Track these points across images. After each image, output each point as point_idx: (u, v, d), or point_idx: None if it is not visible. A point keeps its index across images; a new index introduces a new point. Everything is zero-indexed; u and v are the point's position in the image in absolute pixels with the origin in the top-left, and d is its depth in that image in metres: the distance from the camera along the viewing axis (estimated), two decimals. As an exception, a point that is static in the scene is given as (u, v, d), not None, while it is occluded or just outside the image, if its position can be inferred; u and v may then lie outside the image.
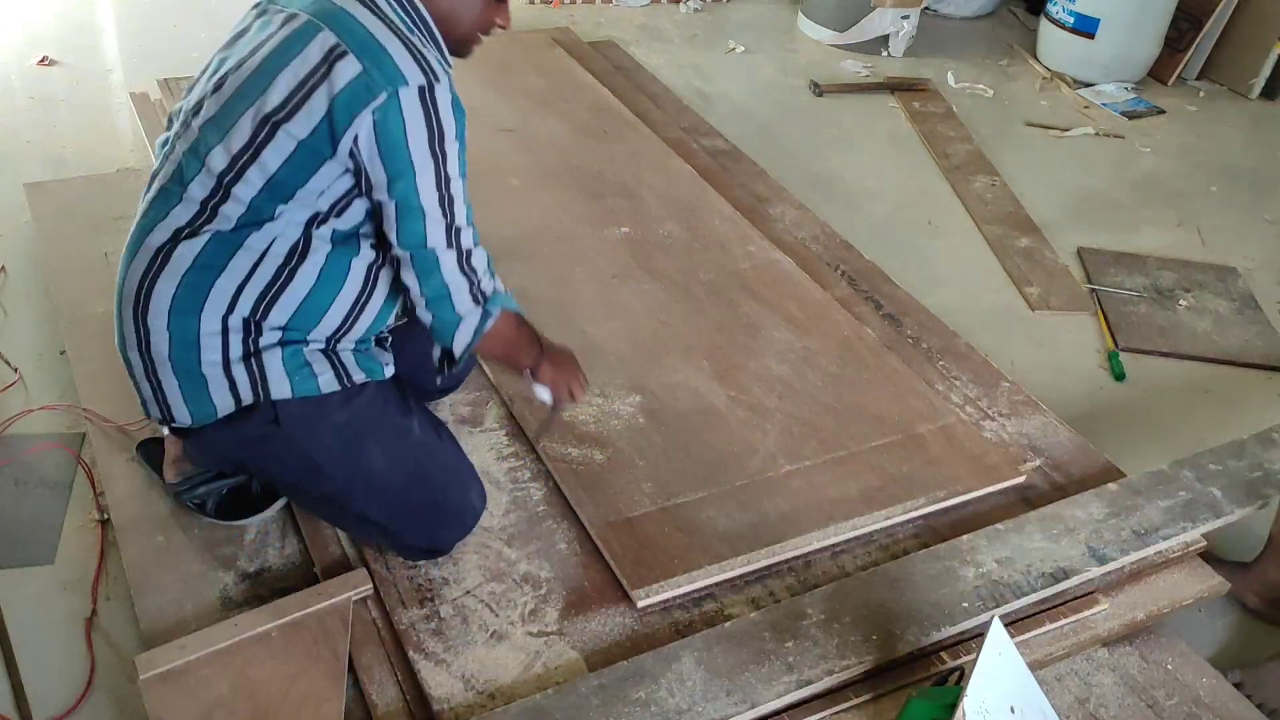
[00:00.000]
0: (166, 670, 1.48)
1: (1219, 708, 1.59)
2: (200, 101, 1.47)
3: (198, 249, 1.45)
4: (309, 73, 1.37)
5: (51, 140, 2.94)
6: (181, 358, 1.48)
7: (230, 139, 1.41)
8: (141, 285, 1.47)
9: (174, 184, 1.47)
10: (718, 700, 1.46)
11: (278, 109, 1.38)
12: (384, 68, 1.36)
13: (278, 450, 1.57)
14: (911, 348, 2.30)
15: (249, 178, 1.41)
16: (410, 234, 1.44)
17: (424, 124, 1.39)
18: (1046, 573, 1.70)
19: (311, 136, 1.38)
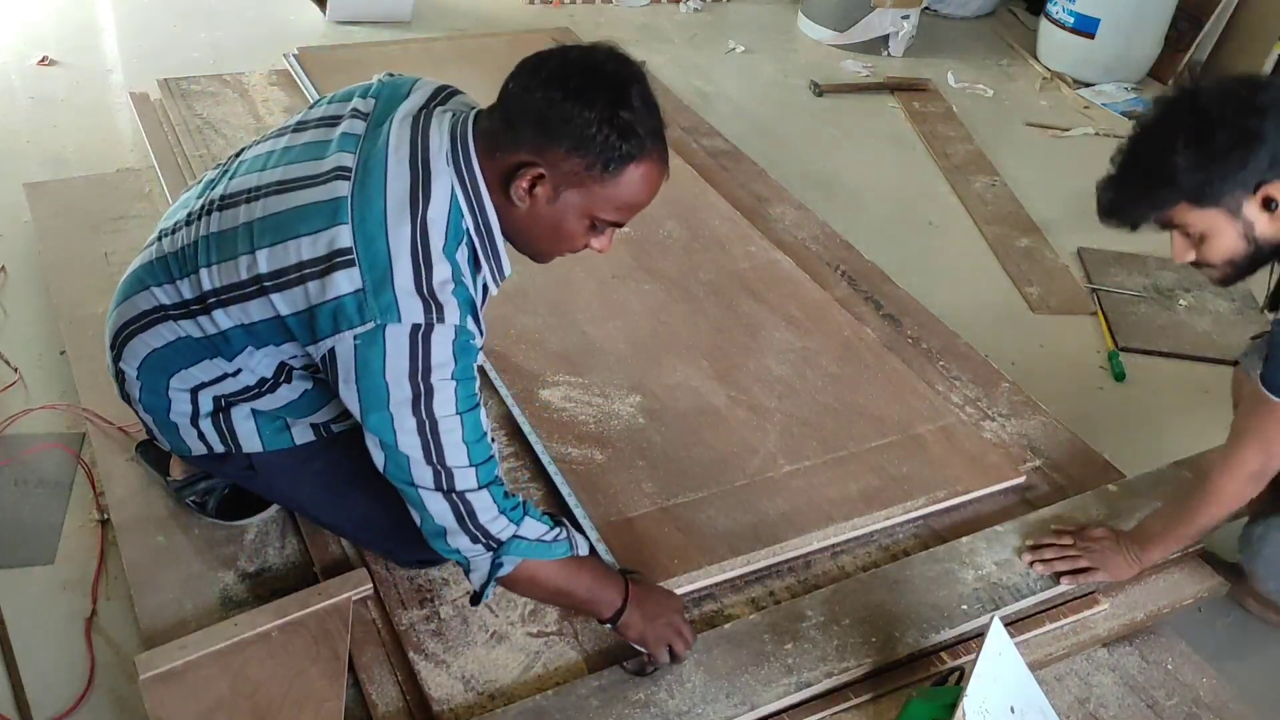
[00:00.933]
0: (166, 670, 1.48)
1: (1219, 708, 1.59)
2: (217, 200, 1.38)
3: (171, 338, 1.44)
4: (312, 260, 1.26)
5: (51, 140, 2.94)
6: (151, 404, 1.50)
7: (225, 269, 1.34)
8: (121, 331, 1.48)
9: (172, 262, 1.41)
10: (717, 702, 1.46)
11: (270, 275, 1.29)
12: (381, 296, 1.23)
13: (259, 486, 1.62)
14: (911, 348, 2.30)
15: (231, 312, 1.36)
16: (395, 469, 1.31)
17: (407, 367, 1.24)
18: (1046, 575, 1.70)
19: (292, 318, 1.30)
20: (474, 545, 1.35)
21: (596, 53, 1.27)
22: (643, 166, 1.27)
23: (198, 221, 1.40)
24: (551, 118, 1.23)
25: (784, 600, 1.68)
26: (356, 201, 1.27)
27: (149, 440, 1.84)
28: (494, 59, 3.38)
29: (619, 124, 1.22)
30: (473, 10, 4.12)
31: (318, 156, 1.33)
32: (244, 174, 1.40)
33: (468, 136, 1.30)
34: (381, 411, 1.26)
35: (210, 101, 3.01)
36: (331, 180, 1.29)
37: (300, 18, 3.88)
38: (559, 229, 1.32)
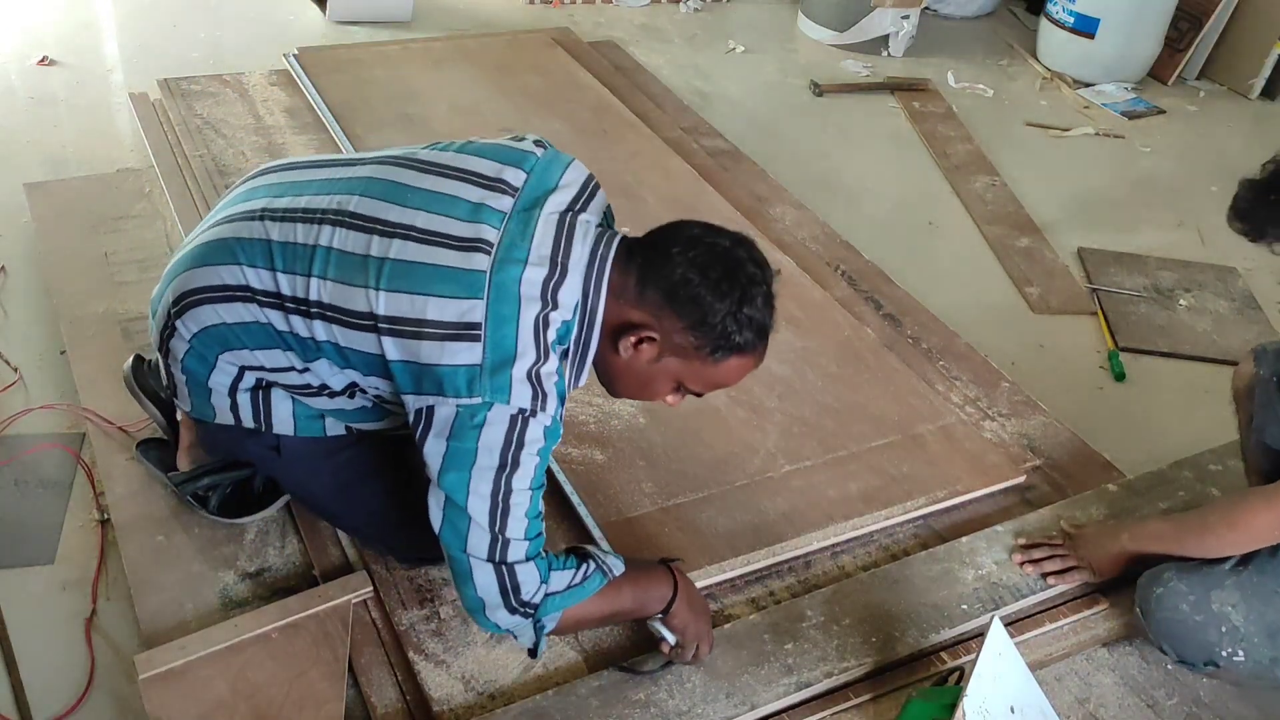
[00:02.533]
0: (166, 670, 1.48)
1: (1219, 708, 1.59)
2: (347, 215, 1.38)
3: (249, 320, 1.42)
4: (438, 323, 1.29)
5: (51, 140, 2.94)
6: (193, 367, 1.49)
7: (340, 291, 1.35)
8: (187, 296, 1.45)
9: (276, 251, 1.40)
10: (717, 702, 1.47)
11: (387, 319, 1.32)
12: (497, 378, 1.28)
13: (274, 469, 1.61)
14: (911, 348, 2.30)
15: (332, 329, 1.38)
16: (451, 532, 1.34)
17: (502, 440, 1.30)
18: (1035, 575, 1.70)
19: (397, 364, 1.33)
20: (513, 618, 1.38)
21: (741, 248, 1.36)
22: (745, 359, 1.37)
23: (319, 226, 1.39)
24: (683, 295, 1.32)
25: (784, 600, 1.68)
26: (494, 281, 1.30)
27: (150, 440, 1.84)
28: (494, 59, 3.38)
29: (740, 319, 1.33)
30: (473, 10, 4.12)
31: (461, 217, 1.35)
32: (379, 198, 1.39)
33: (606, 262, 1.36)
34: (462, 473, 1.30)
35: (210, 101, 3.01)
36: (473, 251, 1.32)
37: (300, 18, 3.87)
38: (647, 385, 1.42)
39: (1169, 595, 1.57)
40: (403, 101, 2.98)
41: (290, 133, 2.89)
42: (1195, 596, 1.56)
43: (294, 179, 1.49)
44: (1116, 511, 1.84)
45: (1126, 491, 1.90)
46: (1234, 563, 1.56)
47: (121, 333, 2.14)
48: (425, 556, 1.67)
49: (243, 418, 1.52)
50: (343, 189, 1.42)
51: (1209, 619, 1.54)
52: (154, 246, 2.42)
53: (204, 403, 1.52)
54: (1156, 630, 1.59)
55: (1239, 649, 1.54)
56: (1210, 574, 1.56)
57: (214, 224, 1.49)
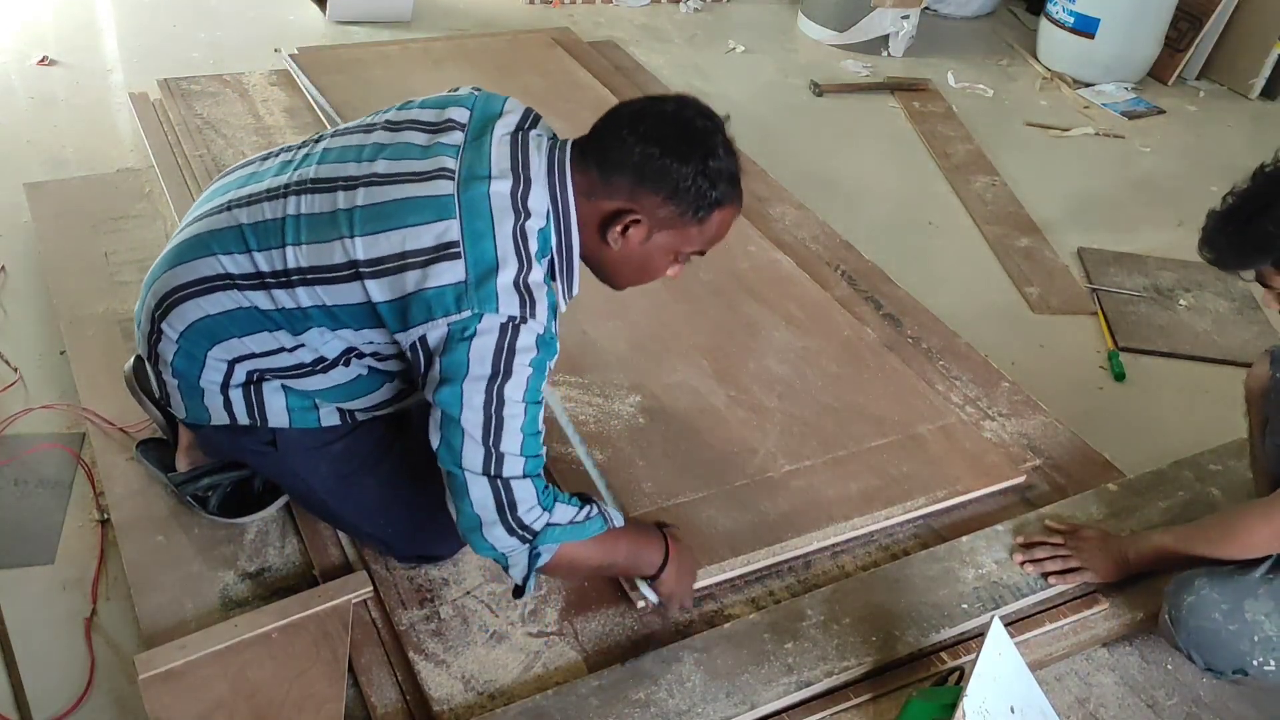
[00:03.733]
0: (166, 670, 1.48)
1: (1219, 708, 1.59)
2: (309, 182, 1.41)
3: (232, 306, 1.43)
4: (416, 250, 1.32)
5: (51, 140, 2.94)
6: (183, 367, 1.49)
7: (316, 250, 1.37)
8: (169, 296, 1.46)
9: (248, 233, 1.41)
10: (717, 701, 1.47)
11: (367, 262, 1.34)
12: (483, 289, 1.30)
13: (272, 466, 1.60)
14: (911, 348, 2.30)
15: (315, 291, 1.39)
16: (446, 447, 1.35)
17: (493, 348, 1.31)
18: (1036, 574, 1.70)
19: (384, 305, 1.35)
20: (510, 539, 1.37)
21: (686, 108, 1.38)
22: (727, 210, 1.40)
23: (283, 199, 1.41)
24: (649, 170, 1.35)
25: (784, 600, 1.68)
26: (463, 200, 1.33)
27: (150, 440, 1.84)
28: (494, 59, 3.38)
29: (709, 174, 1.35)
30: (473, 10, 4.12)
31: (419, 156, 1.38)
32: (335, 161, 1.43)
33: (565, 165, 1.39)
34: (455, 385, 1.31)
35: (210, 101, 3.01)
36: (436, 179, 1.35)
37: (300, 18, 3.87)
38: (647, 265, 1.45)
39: (1201, 604, 1.55)
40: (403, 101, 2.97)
41: (290, 133, 2.89)
42: (1228, 605, 1.54)
43: (253, 170, 1.52)
44: (1116, 511, 1.84)
45: (1126, 491, 1.90)
46: (1265, 570, 1.55)
47: (121, 333, 2.14)
48: (424, 554, 1.67)
49: (237, 415, 1.51)
50: (300, 164, 1.45)
51: (1242, 628, 1.53)
52: (154, 246, 2.41)
53: (198, 405, 1.52)
54: (1187, 639, 1.57)
55: (1270, 658, 1.52)
56: (1243, 582, 1.55)
57: (184, 227, 1.51)
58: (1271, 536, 1.53)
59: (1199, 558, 1.61)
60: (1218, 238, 1.48)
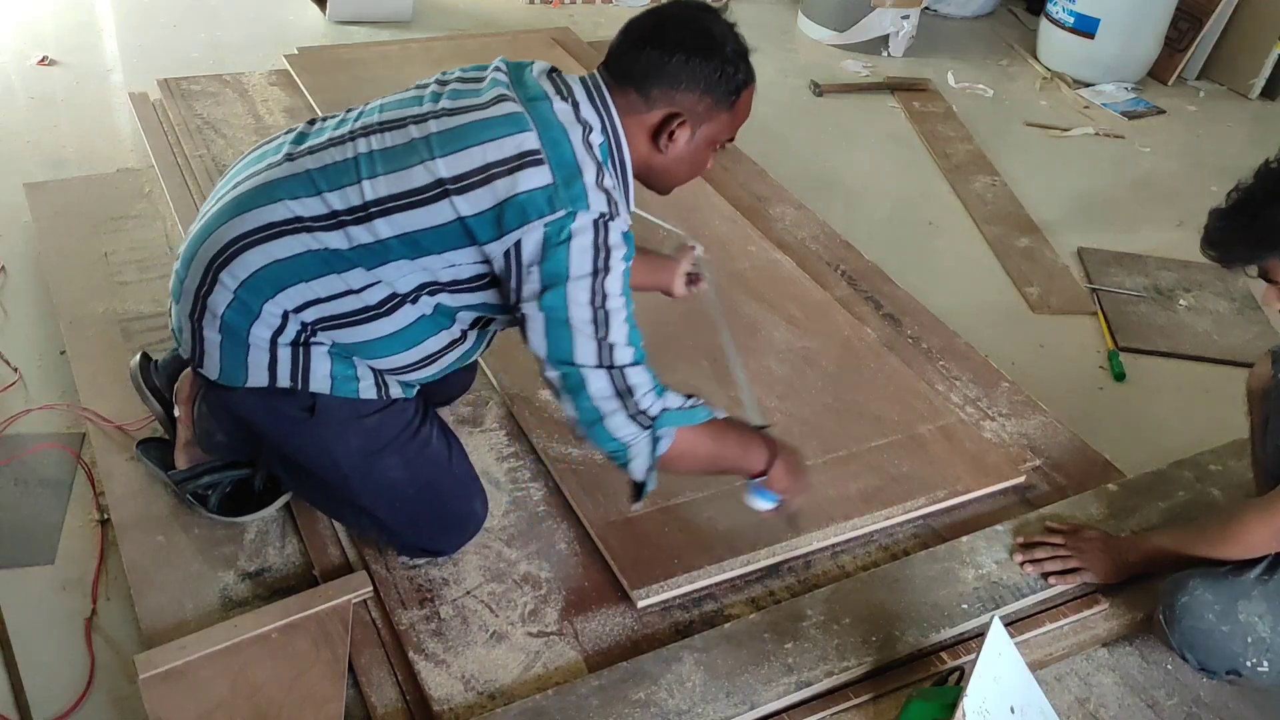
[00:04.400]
0: (166, 670, 1.48)
1: (1219, 708, 1.59)
2: (374, 125, 1.47)
3: (301, 250, 1.43)
4: (499, 160, 1.37)
5: (51, 140, 2.94)
6: (233, 320, 1.47)
7: (399, 178, 1.40)
8: (232, 244, 1.45)
9: (317, 176, 1.44)
10: (717, 701, 1.47)
11: (453, 179, 1.38)
12: (572, 188, 1.37)
13: (300, 436, 1.57)
14: (911, 348, 2.30)
15: (396, 220, 1.41)
16: (557, 348, 1.41)
17: (591, 246, 1.38)
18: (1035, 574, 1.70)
19: (474, 218, 1.38)
20: (630, 426, 1.44)
21: (686, 8, 1.51)
22: (749, 87, 1.54)
23: (350, 142, 1.46)
24: (683, 74, 1.46)
25: (784, 600, 1.68)
26: (533, 114, 1.41)
27: (151, 439, 1.84)
28: (494, 59, 3.37)
29: (732, 61, 1.48)
30: (473, 10, 4.12)
31: (476, 95, 1.45)
32: (397, 108, 1.49)
33: (603, 88, 1.48)
34: (559, 287, 1.38)
35: (210, 101, 3.01)
36: (500, 103, 1.43)
37: (300, 18, 3.88)
38: (695, 161, 1.56)
39: (1194, 604, 1.55)
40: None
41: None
42: (1221, 606, 1.54)
43: (302, 132, 1.54)
44: (1116, 511, 1.84)
45: (1126, 491, 1.90)
46: (1259, 571, 1.55)
47: (121, 332, 2.14)
48: (429, 547, 1.67)
49: (279, 375, 1.49)
50: (358, 118, 1.50)
51: (1235, 629, 1.53)
52: (154, 246, 2.42)
53: (238, 363, 1.49)
54: (1180, 638, 1.57)
55: (1264, 659, 1.52)
56: (1237, 583, 1.55)
57: (233, 186, 1.50)
58: (1270, 536, 1.53)
59: (1198, 558, 1.61)
60: (1224, 233, 1.48)
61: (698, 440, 1.51)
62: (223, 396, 1.57)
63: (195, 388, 1.74)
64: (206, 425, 1.72)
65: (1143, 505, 1.86)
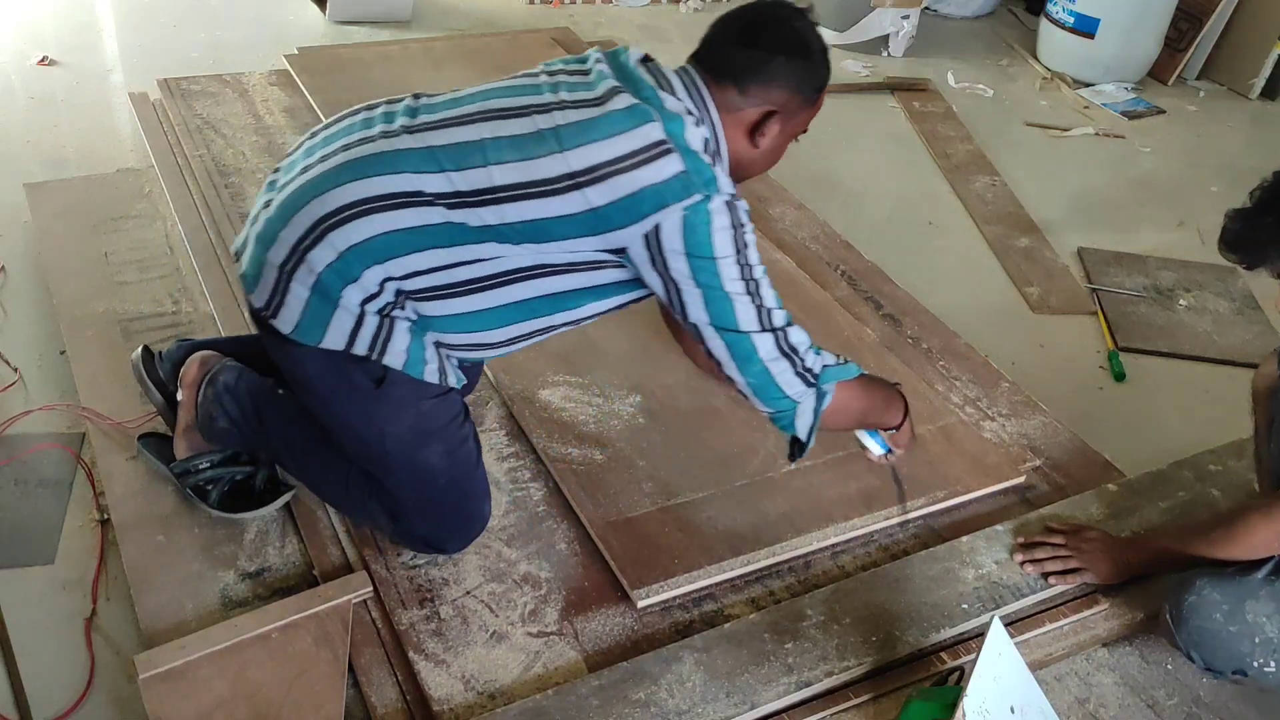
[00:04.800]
0: (166, 670, 1.48)
1: (1219, 708, 1.59)
2: (495, 110, 1.48)
3: (422, 223, 1.45)
4: (631, 153, 1.42)
5: (51, 140, 2.94)
6: (329, 280, 1.47)
7: (528, 166, 1.44)
8: (349, 208, 1.45)
9: (442, 156, 1.45)
10: (717, 701, 1.46)
11: (585, 171, 1.42)
12: (704, 175, 1.44)
13: (357, 404, 1.56)
14: (911, 348, 2.30)
15: (524, 206, 1.44)
16: (721, 317, 1.49)
17: (729, 226, 1.45)
18: (1036, 574, 1.70)
19: (608, 207, 1.43)
20: (799, 384, 1.53)
21: (779, 8, 1.60)
22: (826, 86, 1.62)
23: (472, 124, 1.48)
24: (779, 74, 1.54)
25: (784, 600, 1.68)
26: (655, 105, 1.47)
27: (151, 434, 1.84)
28: (494, 59, 3.38)
29: (820, 61, 1.59)
30: (473, 10, 4.12)
31: (588, 88, 1.50)
32: (514, 95, 1.51)
33: (699, 84, 1.54)
34: (710, 265, 1.46)
35: (210, 101, 3.01)
36: (616, 95, 1.47)
37: (300, 18, 3.88)
38: (778, 153, 1.64)
39: (1202, 604, 1.55)
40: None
41: (290, 132, 2.90)
42: (1229, 606, 1.53)
43: (410, 105, 1.55)
44: (1116, 511, 1.84)
45: (1126, 491, 1.90)
46: (1267, 571, 1.55)
47: (121, 333, 2.14)
48: (435, 542, 1.68)
49: (359, 340, 1.49)
50: (474, 100, 1.52)
51: (1243, 629, 1.52)
52: (154, 246, 2.42)
53: (319, 322, 1.48)
54: (1187, 638, 1.57)
55: (1271, 660, 1.51)
56: (1244, 583, 1.54)
57: (342, 148, 1.49)
58: (1272, 537, 1.53)
59: (1200, 559, 1.61)
60: (1248, 233, 1.47)
61: (852, 395, 1.60)
62: (288, 351, 1.54)
63: (202, 371, 1.74)
64: (211, 409, 1.72)
65: (1143, 505, 1.86)
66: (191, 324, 2.20)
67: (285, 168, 1.57)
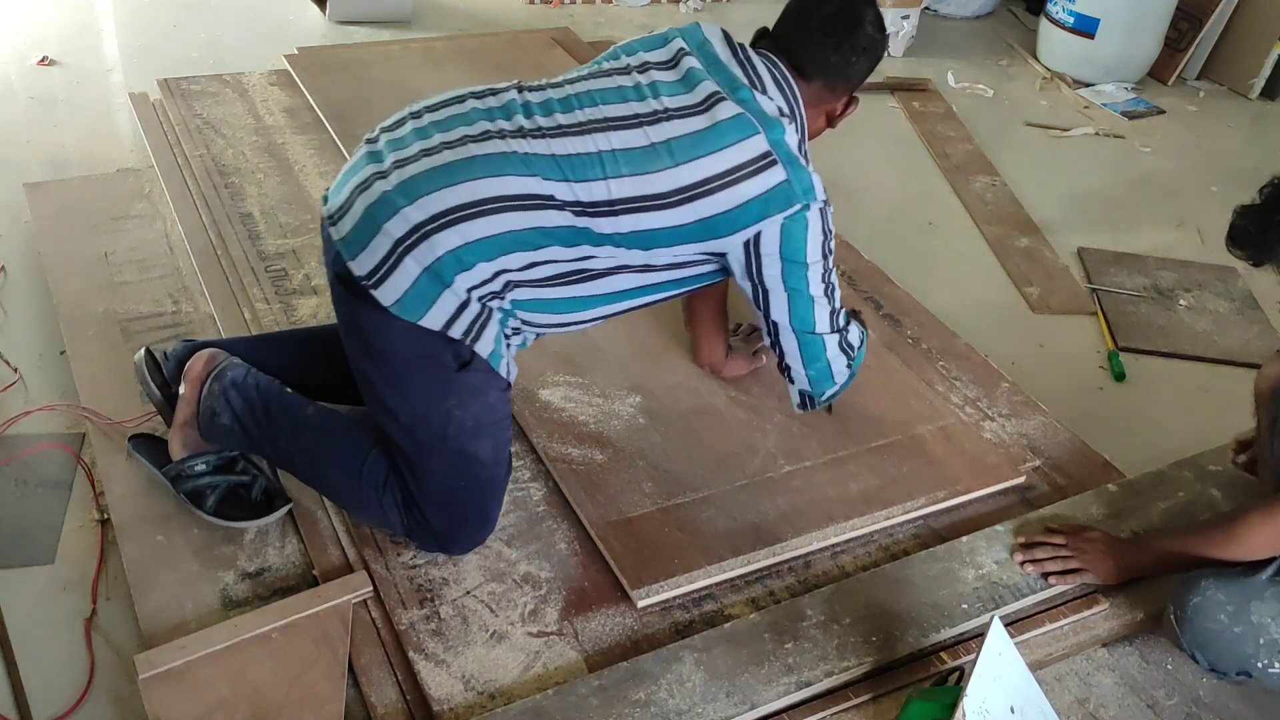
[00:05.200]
0: (166, 670, 1.48)
1: (1219, 708, 1.59)
2: (602, 121, 1.54)
3: (551, 224, 1.50)
4: (739, 165, 1.53)
5: (51, 140, 2.94)
6: (448, 263, 1.49)
7: (643, 181, 1.51)
8: (484, 203, 1.48)
9: (565, 166, 1.51)
10: (717, 701, 1.47)
11: (695, 185, 1.52)
12: (802, 183, 1.57)
13: (433, 384, 1.57)
14: (911, 348, 2.30)
15: (639, 218, 1.53)
16: (802, 320, 1.67)
17: (821, 233, 1.60)
18: (1036, 574, 1.70)
19: (715, 218, 1.54)
20: (847, 373, 1.79)
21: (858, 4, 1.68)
22: None
23: (588, 135, 1.53)
24: (859, 69, 1.71)
25: (784, 600, 1.68)
26: (754, 114, 1.56)
27: (143, 435, 1.84)
28: (494, 59, 3.38)
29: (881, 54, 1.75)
30: (473, 10, 4.12)
31: (685, 90, 1.57)
32: (615, 101, 1.56)
33: (791, 81, 1.65)
34: (800, 270, 1.61)
35: (210, 101, 3.01)
36: (718, 103, 1.55)
37: (300, 18, 3.88)
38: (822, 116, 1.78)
39: (1207, 605, 1.55)
40: (403, 101, 2.92)
41: (290, 132, 2.90)
42: (1234, 607, 1.53)
43: (524, 102, 1.57)
44: (1117, 512, 1.84)
45: (1126, 492, 1.90)
46: (1271, 572, 1.54)
47: (121, 333, 2.14)
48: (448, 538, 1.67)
49: (458, 323, 1.51)
50: (579, 103, 1.57)
51: (1248, 630, 1.52)
52: (154, 246, 2.42)
53: (424, 300, 1.49)
54: (1192, 639, 1.57)
55: (1276, 660, 1.51)
56: (1249, 584, 1.54)
57: (460, 141, 1.52)
58: (1272, 537, 1.53)
59: (1200, 560, 1.61)
60: (1257, 229, 1.47)
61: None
62: (377, 320, 1.53)
63: (208, 367, 1.73)
64: (214, 404, 1.70)
65: (1143, 506, 1.86)
66: (191, 324, 2.20)
67: (395, 142, 1.57)
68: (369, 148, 1.59)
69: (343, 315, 1.61)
